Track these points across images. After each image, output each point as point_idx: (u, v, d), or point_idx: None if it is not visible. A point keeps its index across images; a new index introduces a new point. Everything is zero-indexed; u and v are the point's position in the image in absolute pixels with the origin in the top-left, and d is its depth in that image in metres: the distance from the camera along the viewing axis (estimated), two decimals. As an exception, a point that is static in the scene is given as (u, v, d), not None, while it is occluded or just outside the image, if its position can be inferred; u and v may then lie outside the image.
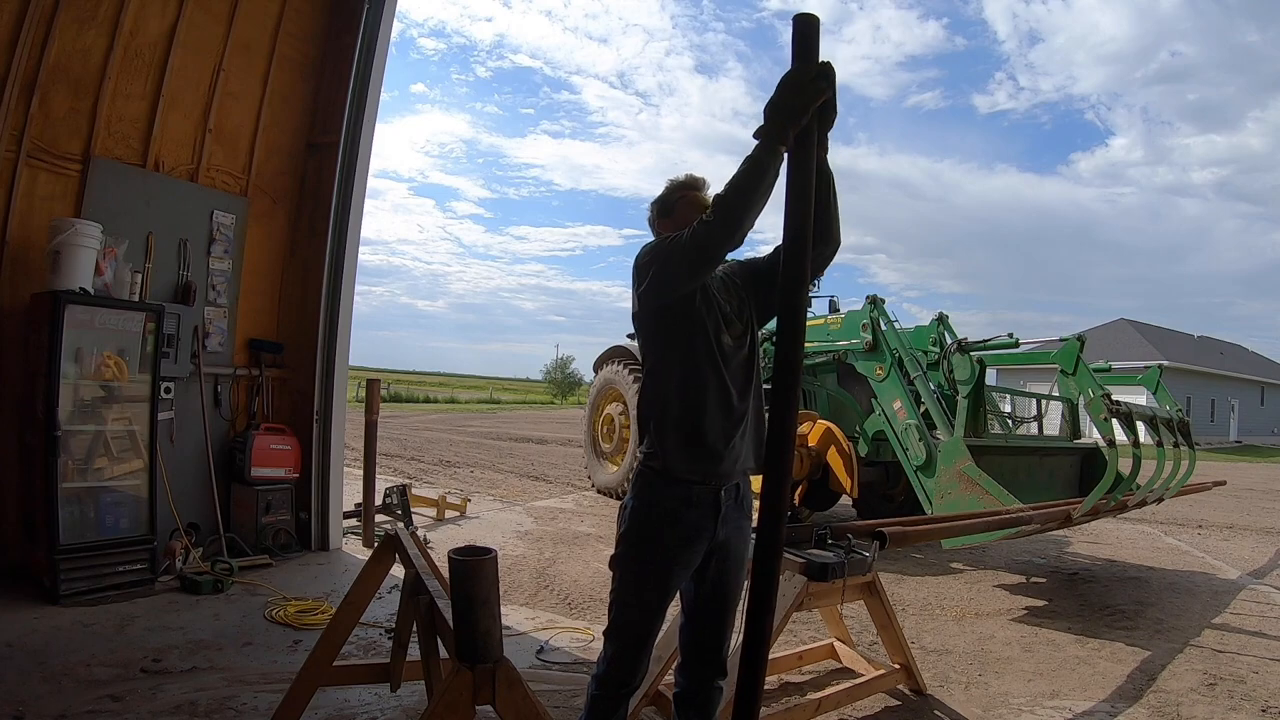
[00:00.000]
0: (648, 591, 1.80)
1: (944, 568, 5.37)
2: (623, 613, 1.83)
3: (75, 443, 3.73)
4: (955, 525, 3.47)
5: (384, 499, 5.73)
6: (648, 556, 1.80)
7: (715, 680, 1.91)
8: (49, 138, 3.96)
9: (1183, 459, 4.70)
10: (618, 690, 1.83)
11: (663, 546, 1.79)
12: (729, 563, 1.87)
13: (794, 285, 1.42)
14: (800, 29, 1.41)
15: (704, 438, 1.76)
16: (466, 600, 1.43)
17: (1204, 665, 3.45)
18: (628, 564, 1.83)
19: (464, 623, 1.43)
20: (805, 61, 1.42)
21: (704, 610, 1.89)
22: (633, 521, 1.82)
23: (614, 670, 1.83)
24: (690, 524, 1.79)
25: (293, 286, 5.17)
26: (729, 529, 1.85)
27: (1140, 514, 6.35)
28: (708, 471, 1.78)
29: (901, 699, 2.98)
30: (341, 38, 5.14)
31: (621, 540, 1.84)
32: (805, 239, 1.41)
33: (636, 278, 1.83)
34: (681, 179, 2.00)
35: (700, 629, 1.91)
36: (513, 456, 12.24)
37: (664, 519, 1.79)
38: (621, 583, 1.84)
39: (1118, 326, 29.50)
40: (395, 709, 2.61)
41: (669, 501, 1.79)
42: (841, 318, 6.12)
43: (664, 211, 1.99)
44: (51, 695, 2.55)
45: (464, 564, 1.43)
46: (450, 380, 76.95)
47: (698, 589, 1.89)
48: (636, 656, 1.83)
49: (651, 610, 1.81)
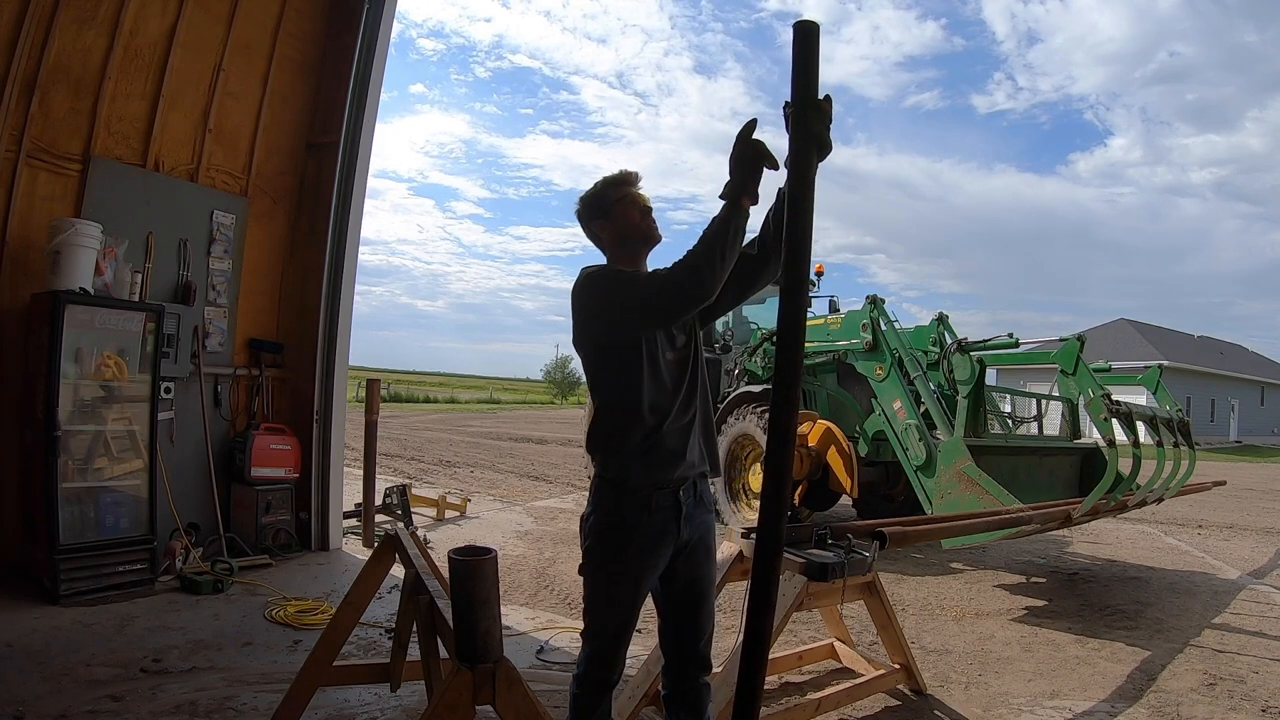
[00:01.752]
0: (618, 597, 1.81)
1: (944, 568, 5.37)
2: (596, 617, 1.84)
3: (75, 443, 3.73)
4: (955, 525, 3.47)
5: (384, 499, 5.73)
6: (615, 567, 1.80)
7: (699, 676, 1.90)
8: (49, 138, 3.96)
9: (1183, 459, 4.69)
10: (597, 688, 1.84)
11: (628, 555, 1.78)
12: (697, 556, 1.86)
13: (794, 289, 1.44)
14: (800, 36, 1.42)
15: (656, 449, 1.76)
16: (466, 600, 1.43)
17: (1204, 665, 3.45)
18: (596, 574, 1.82)
19: (464, 622, 1.43)
20: (806, 70, 1.42)
21: (678, 606, 1.89)
22: (595, 536, 1.81)
23: (592, 669, 1.84)
24: (654, 530, 1.78)
25: (293, 286, 5.17)
26: (692, 527, 1.83)
27: (1140, 514, 6.35)
28: (663, 479, 1.78)
29: (901, 699, 2.98)
30: (341, 38, 5.14)
31: (587, 554, 1.83)
32: (805, 248, 1.42)
33: (583, 311, 1.80)
34: (615, 175, 1.90)
35: (677, 625, 1.91)
36: (513, 456, 12.24)
37: (628, 529, 1.77)
38: (593, 590, 1.84)
39: (1118, 326, 29.50)
40: (395, 709, 2.61)
41: (630, 512, 1.77)
42: (841, 318, 6.11)
43: (600, 212, 1.88)
44: (51, 695, 2.55)
45: (464, 564, 1.43)
46: (450, 380, 76.96)
47: (668, 588, 1.88)
48: (613, 655, 1.83)
49: (624, 611, 1.82)
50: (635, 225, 1.86)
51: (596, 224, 1.90)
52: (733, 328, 7.44)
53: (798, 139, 1.42)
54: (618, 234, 1.87)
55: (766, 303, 7.54)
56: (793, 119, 1.42)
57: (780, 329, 1.45)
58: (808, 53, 1.43)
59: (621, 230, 1.86)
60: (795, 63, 1.43)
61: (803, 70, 1.43)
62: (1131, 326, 29.54)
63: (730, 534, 2.68)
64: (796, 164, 1.44)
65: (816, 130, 1.42)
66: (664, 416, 1.77)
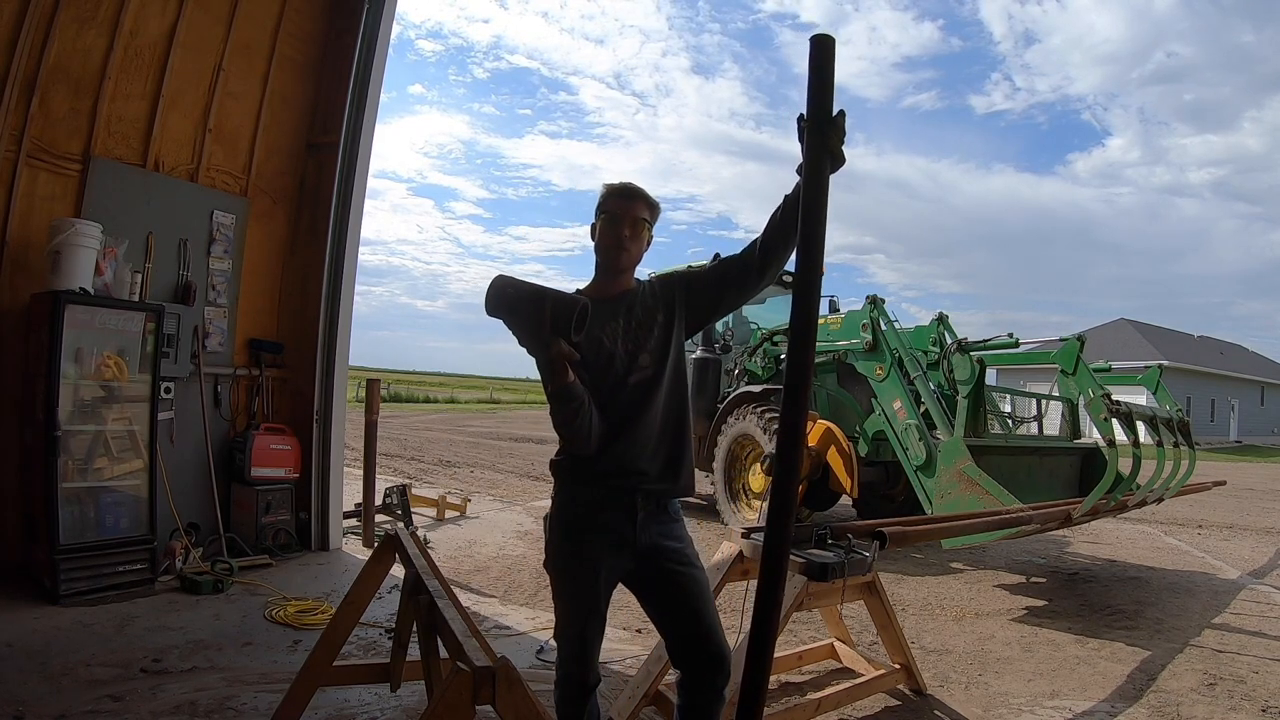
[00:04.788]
0: (570, 593, 1.81)
1: (944, 568, 5.37)
2: (559, 615, 1.84)
3: (75, 443, 3.73)
4: (955, 525, 3.47)
5: (384, 499, 5.72)
6: (568, 561, 1.81)
7: (714, 680, 1.82)
8: (49, 138, 3.96)
9: (1183, 459, 4.69)
10: (578, 690, 1.81)
11: (579, 549, 1.79)
12: (668, 561, 1.82)
13: (805, 291, 1.49)
14: (817, 50, 1.45)
15: (596, 465, 1.75)
16: None
17: (1204, 665, 3.45)
18: (555, 569, 1.85)
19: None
20: (821, 83, 1.45)
21: (672, 613, 1.85)
22: (548, 530, 1.86)
23: (567, 671, 1.82)
24: (602, 525, 1.78)
25: (293, 286, 5.17)
26: (652, 534, 1.80)
27: (1140, 514, 6.35)
28: (607, 482, 1.77)
29: (901, 699, 2.98)
30: (341, 38, 5.14)
31: (545, 549, 1.88)
32: (818, 256, 1.48)
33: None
34: (613, 186, 1.85)
35: (677, 629, 1.86)
36: (513, 456, 12.24)
37: (572, 524, 1.80)
38: (553, 588, 1.86)
39: (1118, 326, 29.50)
40: (395, 709, 2.61)
41: (574, 508, 1.81)
42: (841, 318, 6.11)
43: (594, 220, 1.87)
44: (51, 695, 2.55)
45: None
46: (450, 380, 76.94)
47: (650, 601, 1.87)
48: (583, 655, 1.80)
49: (584, 609, 1.79)
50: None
51: (592, 229, 1.90)
52: (733, 328, 7.44)
53: (813, 151, 1.47)
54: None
55: (767, 303, 7.55)
56: (808, 131, 1.47)
57: (791, 335, 1.49)
58: (824, 66, 1.45)
59: (601, 245, 1.88)
60: (811, 76, 1.46)
61: (819, 83, 1.45)
62: (1131, 326, 29.55)
63: (730, 534, 2.68)
64: (811, 175, 1.48)
65: (831, 143, 1.47)
66: (600, 429, 1.72)
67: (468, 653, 1.48)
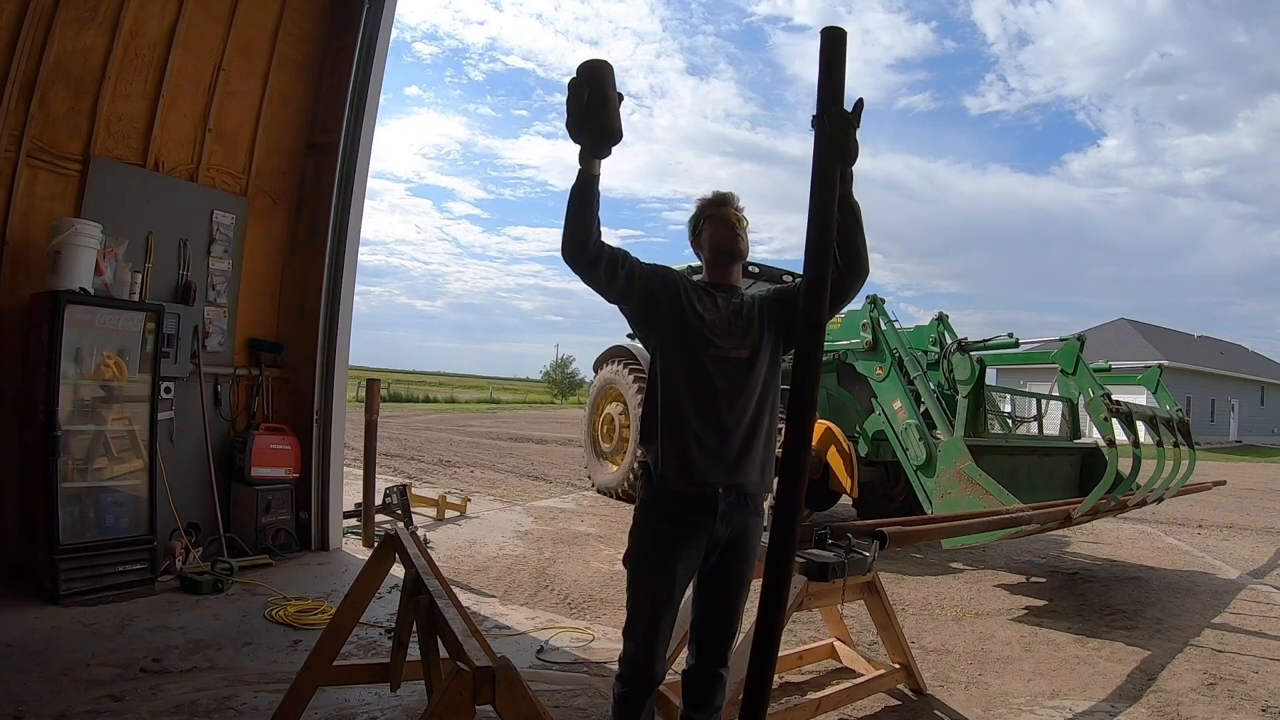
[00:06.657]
0: (652, 585, 1.85)
1: (944, 568, 5.37)
2: (632, 607, 1.89)
3: (75, 443, 3.73)
4: (955, 525, 3.48)
5: (384, 499, 5.72)
6: (649, 552, 1.86)
7: (716, 667, 1.94)
8: (49, 138, 3.95)
9: (1183, 459, 4.70)
10: (642, 687, 1.87)
11: (661, 542, 1.85)
12: (734, 556, 1.90)
13: (814, 292, 1.50)
14: (828, 42, 1.45)
15: (688, 451, 1.81)
16: None
17: (1204, 665, 3.45)
18: (634, 560, 1.90)
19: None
20: (831, 76, 1.45)
21: (708, 600, 1.93)
22: (636, 519, 1.91)
23: (633, 666, 1.87)
24: (687, 521, 1.84)
25: (293, 286, 5.16)
26: (731, 527, 1.86)
27: (1140, 514, 6.36)
28: (694, 480, 1.82)
29: (901, 699, 2.98)
30: (341, 37, 5.13)
31: (629, 537, 1.93)
32: (825, 259, 1.50)
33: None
34: (710, 196, 2.04)
35: (704, 619, 1.94)
36: (513, 456, 12.24)
37: (662, 516, 1.86)
38: (630, 578, 1.91)
39: (1118, 326, 29.50)
40: (395, 709, 2.61)
41: (666, 501, 1.85)
42: (841, 318, 6.10)
43: (694, 232, 2.05)
44: (51, 695, 2.54)
45: None
46: (450, 380, 76.88)
47: (702, 583, 1.93)
48: (650, 650, 1.86)
49: (658, 604, 1.85)
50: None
51: (693, 244, 2.07)
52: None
53: (824, 146, 1.49)
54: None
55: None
56: (817, 125, 1.49)
57: (799, 337, 1.49)
58: (834, 59, 1.44)
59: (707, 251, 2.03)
60: (821, 69, 1.45)
61: (829, 76, 1.44)
62: (1131, 326, 29.55)
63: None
64: (820, 170, 1.49)
65: (839, 139, 1.48)
66: (693, 417, 1.80)
67: (468, 653, 1.48)
